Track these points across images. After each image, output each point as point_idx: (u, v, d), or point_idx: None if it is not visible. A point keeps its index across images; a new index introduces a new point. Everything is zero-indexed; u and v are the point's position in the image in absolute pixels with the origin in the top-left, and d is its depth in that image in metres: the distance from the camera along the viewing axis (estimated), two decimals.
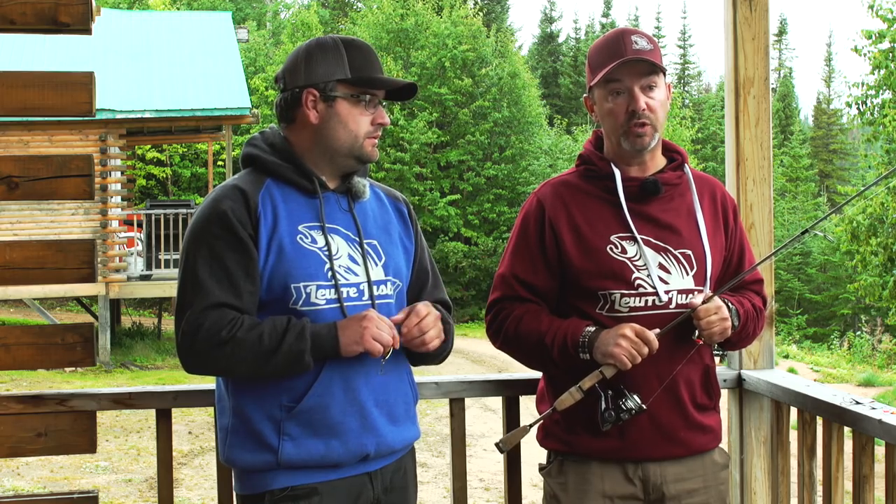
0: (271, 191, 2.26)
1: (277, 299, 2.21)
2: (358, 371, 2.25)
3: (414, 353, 2.34)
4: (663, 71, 2.45)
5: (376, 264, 2.33)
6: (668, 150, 2.55)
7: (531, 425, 2.44)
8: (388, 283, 2.35)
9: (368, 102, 2.29)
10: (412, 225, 2.49)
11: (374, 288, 2.30)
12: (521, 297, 2.50)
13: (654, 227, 2.45)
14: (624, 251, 2.42)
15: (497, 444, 2.44)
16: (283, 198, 2.26)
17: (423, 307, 2.28)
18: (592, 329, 2.37)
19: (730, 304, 2.45)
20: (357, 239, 2.31)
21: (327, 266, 2.23)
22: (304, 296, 2.21)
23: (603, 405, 2.35)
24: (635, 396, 2.35)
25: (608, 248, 2.42)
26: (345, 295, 2.24)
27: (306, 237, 2.24)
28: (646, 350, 2.31)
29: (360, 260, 2.29)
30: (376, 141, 2.33)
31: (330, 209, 2.30)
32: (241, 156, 2.38)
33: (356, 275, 2.28)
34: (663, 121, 2.46)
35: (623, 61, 2.38)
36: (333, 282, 2.23)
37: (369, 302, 2.28)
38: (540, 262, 2.48)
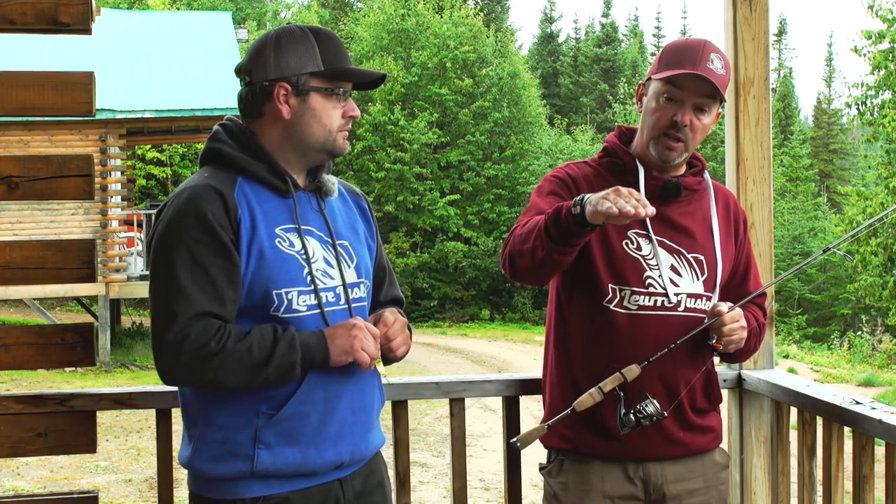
0: (245, 190, 2.16)
1: (257, 306, 2.13)
2: (338, 379, 2.18)
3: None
4: (722, 100, 2.43)
5: (349, 266, 2.26)
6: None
7: (549, 424, 2.42)
8: (362, 286, 2.29)
9: (341, 95, 2.21)
10: (373, 221, 2.43)
11: (350, 291, 2.24)
12: None
13: (670, 229, 2.45)
14: (639, 248, 2.42)
15: (513, 443, 2.42)
16: (257, 198, 2.17)
17: (390, 315, 2.24)
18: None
19: None
20: (330, 240, 2.23)
21: (306, 270, 2.16)
22: (285, 302, 2.13)
23: (622, 410, 2.33)
24: (655, 402, 2.33)
25: (624, 243, 2.42)
26: (324, 300, 2.18)
27: (284, 241, 2.16)
28: (635, 202, 2.08)
29: (334, 262, 2.22)
30: (347, 134, 2.25)
31: (303, 210, 2.21)
32: (203, 151, 2.24)
33: (332, 278, 2.21)
34: (697, 143, 2.44)
35: (693, 74, 2.35)
36: (313, 287, 2.16)
37: (346, 306, 2.22)
38: None
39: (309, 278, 2.16)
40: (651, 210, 2.10)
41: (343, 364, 2.14)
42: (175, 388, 2.73)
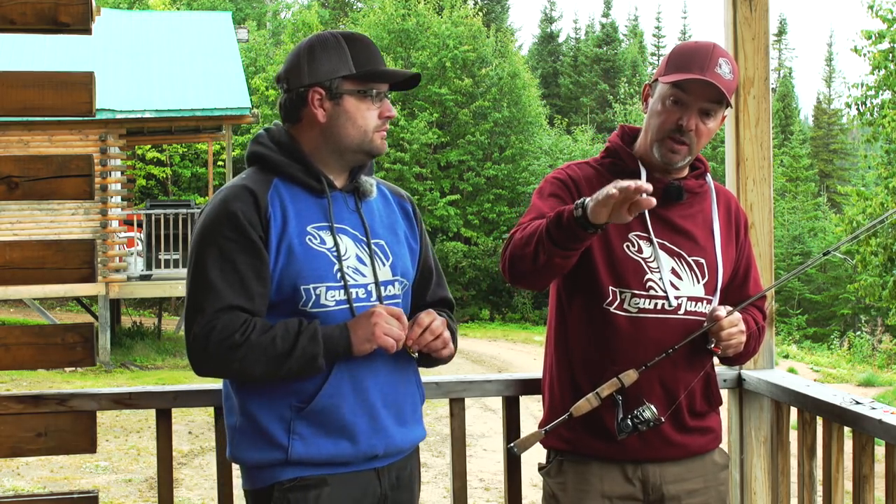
0: (280, 191, 2.24)
1: (287, 301, 2.20)
2: (367, 371, 2.24)
3: (422, 355, 2.32)
4: (729, 105, 2.43)
5: (384, 264, 2.32)
6: None
7: (546, 430, 2.43)
8: (396, 284, 2.34)
9: (375, 96, 2.27)
10: (417, 223, 2.47)
11: (382, 288, 2.29)
12: None
13: (671, 232, 2.45)
14: (640, 251, 2.42)
15: (511, 448, 2.43)
16: (291, 198, 2.24)
17: (426, 316, 2.26)
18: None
19: None
20: (364, 239, 2.30)
21: (336, 267, 2.22)
22: (313, 297, 2.20)
23: (620, 414, 2.34)
24: (652, 407, 2.33)
25: (625, 245, 2.42)
26: (354, 296, 2.24)
27: (315, 238, 2.23)
28: (632, 192, 2.06)
29: (367, 260, 2.28)
30: (385, 134, 2.31)
31: (338, 209, 2.28)
32: (247, 154, 2.35)
33: (364, 275, 2.27)
34: (702, 147, 2.44)
35: (701, 81, 2.34)
36: (342, 283, 2.23)
37: (377, 303, 2.27)
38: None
39: (339, 275, 2.23)
40: (648, 186, 2.07)
41: (367, 352, 2.19)
42: (174, 389, 2.78)
